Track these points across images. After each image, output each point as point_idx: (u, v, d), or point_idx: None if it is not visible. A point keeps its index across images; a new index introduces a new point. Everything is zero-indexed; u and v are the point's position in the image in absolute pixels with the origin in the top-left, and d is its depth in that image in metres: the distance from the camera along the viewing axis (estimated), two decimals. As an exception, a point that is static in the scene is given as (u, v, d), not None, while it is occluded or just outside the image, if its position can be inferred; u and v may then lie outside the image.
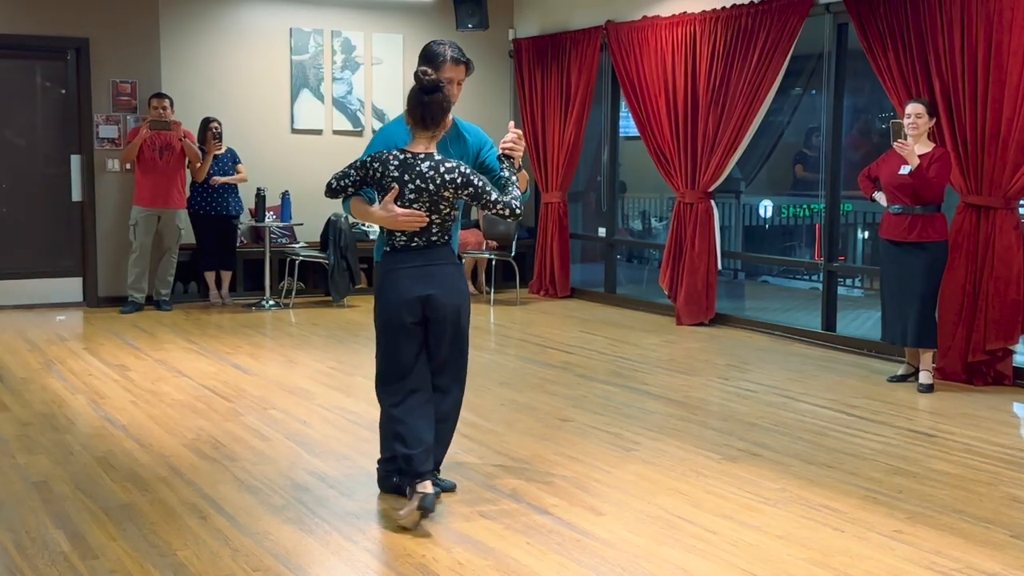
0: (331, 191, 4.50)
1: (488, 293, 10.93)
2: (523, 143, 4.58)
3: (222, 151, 10.03)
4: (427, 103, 4.32)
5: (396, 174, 4.35)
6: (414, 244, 4.42)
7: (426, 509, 4.29)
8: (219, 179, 9.96)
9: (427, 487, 4.31)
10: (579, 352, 8.21)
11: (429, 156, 4.36)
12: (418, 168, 4.34)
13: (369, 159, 4.42)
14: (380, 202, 4.40)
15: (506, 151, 4.52)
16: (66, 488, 4.85)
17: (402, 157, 4.36)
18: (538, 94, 11.23)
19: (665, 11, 9.66)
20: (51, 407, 6.35)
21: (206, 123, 9.97)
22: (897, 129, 6.79)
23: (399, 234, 4.42)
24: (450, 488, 4.80)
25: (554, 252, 11.12)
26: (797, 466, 5.28)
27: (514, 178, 4.53)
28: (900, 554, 4.14)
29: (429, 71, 4.37)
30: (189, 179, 9.99)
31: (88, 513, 4.52)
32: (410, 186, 4.33)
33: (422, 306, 4.41)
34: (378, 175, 4.38)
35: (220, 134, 9.93)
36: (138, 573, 3.90)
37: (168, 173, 9.73)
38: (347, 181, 4.45)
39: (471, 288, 11.11)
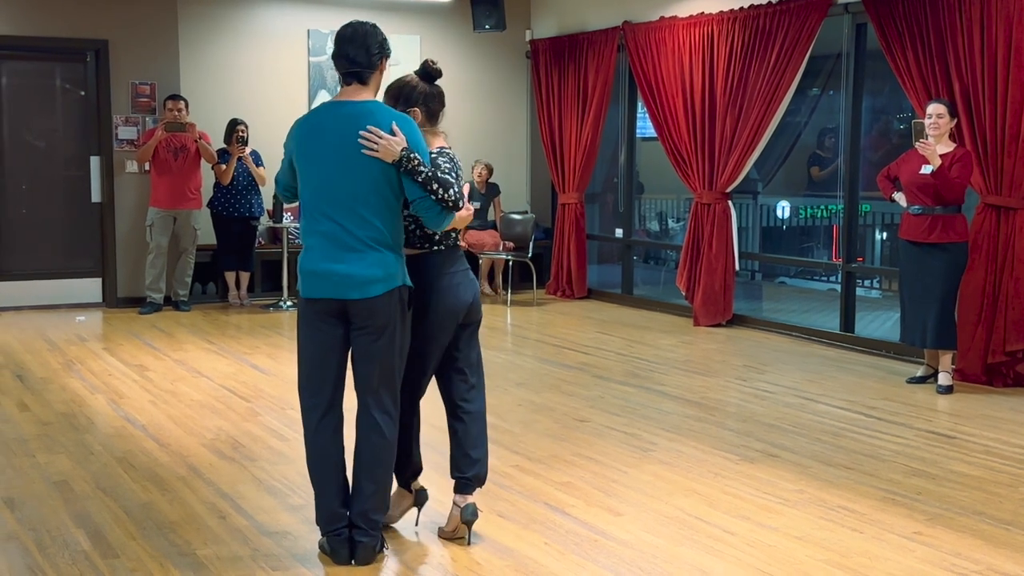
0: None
1: (505, 294, 10.93)
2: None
3: (246, 154, 10.06)
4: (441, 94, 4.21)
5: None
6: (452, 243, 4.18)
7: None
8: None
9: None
10: (596, 353, 8.21)
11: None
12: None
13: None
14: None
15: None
16: (86, 487, 4.88)
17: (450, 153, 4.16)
18: (555, 95, 11.23)
19: (682, 11, 9.65)
20: (71, 407, 6.39)
21: (233, 125, 9.99)
22: (919, 129, 6.77)
23: (455, 233, 4.18)
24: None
25: (571, 253, 11.11)
26: (815, 467, 5.27)
27: None
28: (919, 556, 4.13)
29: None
30: (213, 180, 10.02)
31: (108, 512, 4.55)
32: None
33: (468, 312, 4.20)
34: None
35: (245, 139, 9.94)
36: (158, 572, 3.92)
37: (183, 174, 9.77)
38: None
39: (487, 289, 11.13)
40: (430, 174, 3.85)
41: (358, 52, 3.91)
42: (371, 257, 3.88)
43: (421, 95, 4.13)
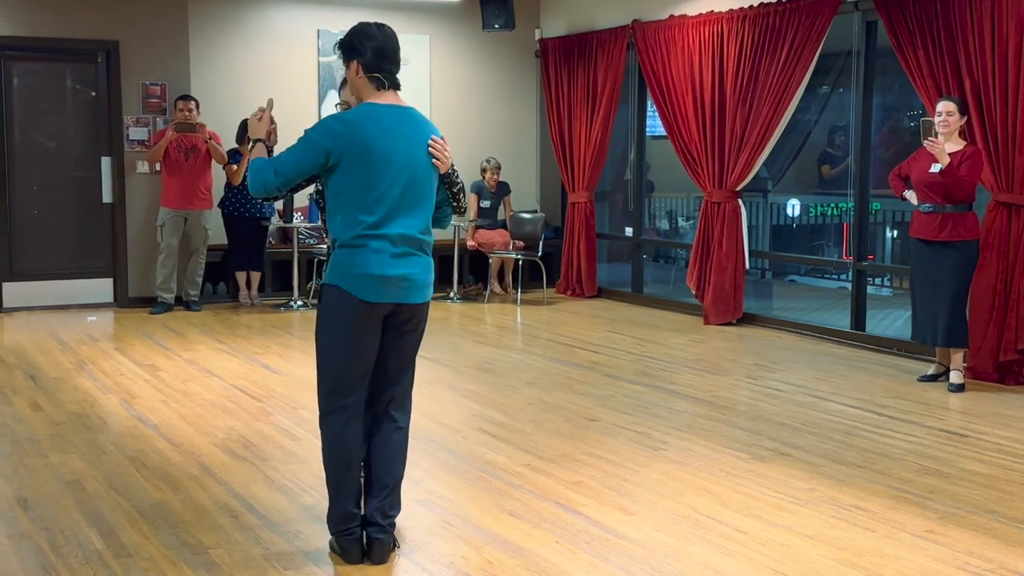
0: None
1: (515, 293, 10.94)
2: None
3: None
4: None
5: None
6: None
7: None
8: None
9: None
10: (606, 352, 8.21)
11: None
12: None
13: None
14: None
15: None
16: (99, 487, 4.90)
17: None
18: (564, 94, 11.23)
19: (692, 10, 9.64)
20: (83, 407, 6.41)
21: (245, 125, 10.01)
22: (928, 127, 6.75)
23: None
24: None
25: (581, 252, 11.11)
26: (827, 466, 5.26)
27: None
28: (932, 554, 4.12)
29: None
30: (224, 180, 10.05)
31: (121, 512, 4.56)
32: None
33: None
34: None
35: None
36: (171, 571, 3.93)
37: (194, 174, 9.80)
38: None
39: (497, 288, 11.14)
40: (461, 184, 4.12)
41: (394, 58, 3.92)
42: (428, 261, 3.99)
43: None
